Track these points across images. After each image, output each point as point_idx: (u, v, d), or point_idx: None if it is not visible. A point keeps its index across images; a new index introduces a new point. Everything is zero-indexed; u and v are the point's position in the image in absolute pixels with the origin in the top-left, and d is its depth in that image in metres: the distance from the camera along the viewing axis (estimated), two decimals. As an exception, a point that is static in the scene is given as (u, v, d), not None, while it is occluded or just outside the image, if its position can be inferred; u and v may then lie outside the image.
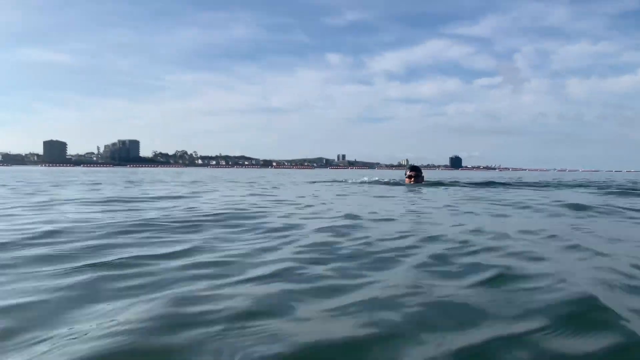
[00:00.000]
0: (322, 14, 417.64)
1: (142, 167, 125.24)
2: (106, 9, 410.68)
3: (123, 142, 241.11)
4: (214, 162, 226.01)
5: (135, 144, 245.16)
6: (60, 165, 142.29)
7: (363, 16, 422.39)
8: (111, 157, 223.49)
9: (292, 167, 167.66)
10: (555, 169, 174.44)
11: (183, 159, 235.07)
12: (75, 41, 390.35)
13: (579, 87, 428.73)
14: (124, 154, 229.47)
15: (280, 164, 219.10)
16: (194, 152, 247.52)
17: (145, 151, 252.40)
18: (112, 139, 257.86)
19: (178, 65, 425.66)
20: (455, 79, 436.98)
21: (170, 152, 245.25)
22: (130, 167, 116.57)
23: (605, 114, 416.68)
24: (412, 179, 11.99)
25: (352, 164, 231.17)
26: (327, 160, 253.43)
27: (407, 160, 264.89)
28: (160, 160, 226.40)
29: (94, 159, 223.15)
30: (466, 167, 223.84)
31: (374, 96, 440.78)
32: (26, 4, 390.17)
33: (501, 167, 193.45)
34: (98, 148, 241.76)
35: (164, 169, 79.83)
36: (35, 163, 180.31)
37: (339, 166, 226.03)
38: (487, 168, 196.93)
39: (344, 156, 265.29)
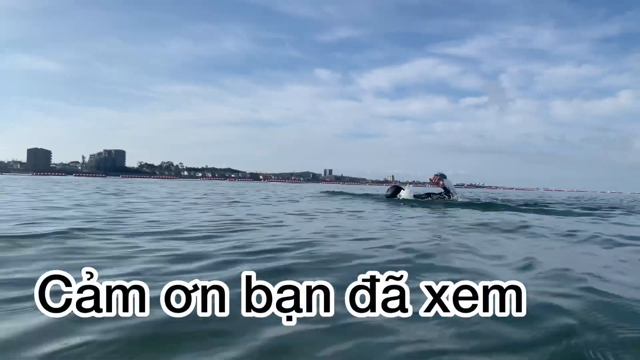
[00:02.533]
0: (313, 29, 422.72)
1: (131, 177, 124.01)
2: (98, 18, 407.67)
3: (109, 152, 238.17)
4: (200, 174, 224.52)
5: (121, 154, 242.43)
6: (45, 174, 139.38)
7: (353, 33, 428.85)
8: (96, 166, 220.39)
9: (284, 181, 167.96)
10: (539, 189, 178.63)
11: (169, 170, 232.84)
12: (66, 49, 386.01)
13: (563, 108, 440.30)
14: (110, 164, 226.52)
15: (267, 177, 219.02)
16: (180, 163, 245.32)
17: (131, 161, 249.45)
18: (98, 148, 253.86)
19: (167, 76, 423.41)
20: (442, 97, 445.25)
21: (156, 163, 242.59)
22: (122, 177, 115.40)
23: (589, 135, 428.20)
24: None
25: (339, 179, 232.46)
26: (314, 174, 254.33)
27: (392, 176, 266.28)
28: (145, 170, 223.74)
29: (79, 168, 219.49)
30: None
31: (362, 112, 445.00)
32: (19, 12, 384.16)
33: (485, 185, 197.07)
34: (83, 157, 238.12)
35: (156, 180, 79.37)
36: (18, 171, 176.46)
37: (326, 180, 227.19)
38: (473, 186, 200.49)
39: (330, 171, 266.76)
